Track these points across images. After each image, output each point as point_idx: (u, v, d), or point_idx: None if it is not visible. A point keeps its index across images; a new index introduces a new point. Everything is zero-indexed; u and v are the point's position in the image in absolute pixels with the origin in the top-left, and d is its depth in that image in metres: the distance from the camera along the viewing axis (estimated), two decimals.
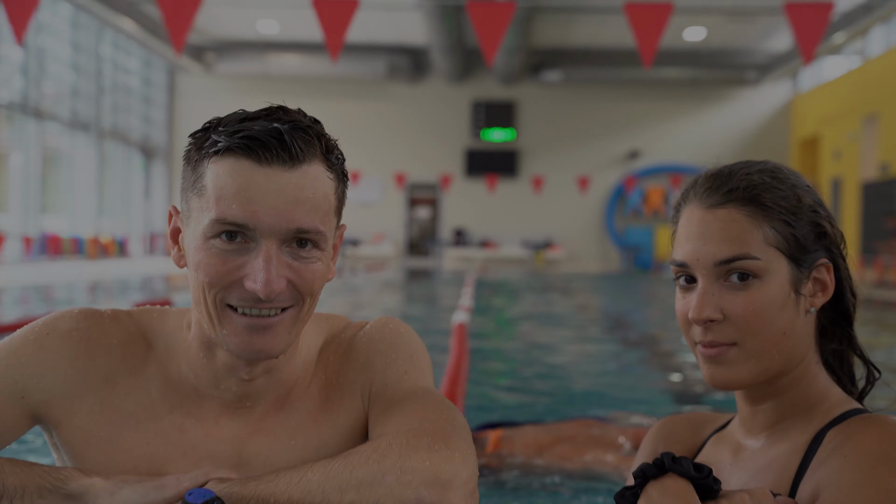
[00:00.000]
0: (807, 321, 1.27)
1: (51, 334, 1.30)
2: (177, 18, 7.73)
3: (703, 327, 1.25)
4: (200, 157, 1.24)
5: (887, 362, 6.98)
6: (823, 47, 20.97)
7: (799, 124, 26.71)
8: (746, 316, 1.22)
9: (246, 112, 1.27)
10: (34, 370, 1.27)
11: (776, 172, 1.29)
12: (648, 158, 27.71)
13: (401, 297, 13.78)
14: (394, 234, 28.25)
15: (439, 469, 1.17)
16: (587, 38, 25.12)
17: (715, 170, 1.33)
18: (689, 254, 1.27)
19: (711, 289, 1.25)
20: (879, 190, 20.20)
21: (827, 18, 8.81)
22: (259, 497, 1.15)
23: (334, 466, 1.17)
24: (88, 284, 13.66)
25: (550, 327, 9.18)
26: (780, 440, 1.28)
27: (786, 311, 1.24)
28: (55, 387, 1.28)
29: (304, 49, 25.64)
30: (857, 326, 1.36)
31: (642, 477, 1.11)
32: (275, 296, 1.19)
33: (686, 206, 1.32)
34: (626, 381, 5.75)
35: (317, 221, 1.22)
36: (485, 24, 8.52)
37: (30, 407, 1.27)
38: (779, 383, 1.28)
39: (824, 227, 1.28)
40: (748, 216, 1.24)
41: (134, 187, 26.50)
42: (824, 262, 1.27)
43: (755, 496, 1.09)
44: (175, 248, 1.31)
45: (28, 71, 20.14)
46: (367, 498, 1.14)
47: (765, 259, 1.23)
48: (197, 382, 1.31)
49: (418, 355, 1.43)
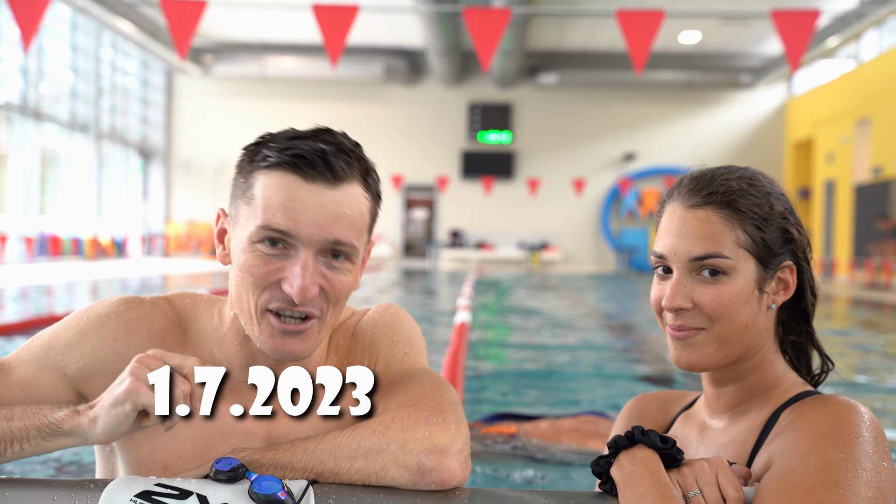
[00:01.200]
0: (768, 315, 1.41)
1: (88, 316, 1.44)
2: (181, 25, 7.83)
3: (674, 313, 1.40)
4: (252, 168, 1.38)
5: (876, 361, 7.14)
6: (817, 51, 21.11)
7: (793, 127, 26.86)
8: (713, 307, 1.36)
9: (296, 130, 1.40)
10: (71, 348, 1.41)
11: (753, 180, 1.42)
12: (644, 161, 27.84)
13: (400, 295, 13.90)
14: (390, 235, 28.35)
15: (437, 438, 1.31)
16: (583, 41, 25.26)
17: (699, 172, 1.46)
18: (668, 248, 1.41)
19: (684, 280, 1.39)
20: (872, 192, 20.35)
21: (813, 26, 8.94)
22: (277, 464, 1.28)
23: (344, 437, 1.31)
24: (89, 285, 13.76)
25: (545, 326, 9.30)
26: (740, 420, 1.42)
27: (749, 305, 1.38)
28: (94, 364, 1.41)
29: (302, 51, 25.76)
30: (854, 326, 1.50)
31: (615, 447, 1.25)
32: (308, 301, 1.33)
33: (670, 203, 1.46)
34: (618, 378, 5.88)
35: (352, 236, 1.37)
36: (481, 30, 8.63)
37: (73, 382, 1.40)
38: (739, 369, 1.42)
39: (792, 233, 1.41)
40: (723, 218, 1.37)
41: (131, 188, 26.59)
42: (789, 265, 1.41)
43: (713, 464, 1.22)
44: (220, 248, 1.45)
45: (27, 72, 20.24)
46: (374, 464, 1.28)
47: (734, 259, 1.36)
48: (229, 366, 1.42)
49: (416, 338, 1.58)
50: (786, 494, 1.14)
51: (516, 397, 4.96)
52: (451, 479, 1.30)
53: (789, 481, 1.16)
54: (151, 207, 27.79)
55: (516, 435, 3.42)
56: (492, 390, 5.15)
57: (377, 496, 1.25)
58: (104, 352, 1.42)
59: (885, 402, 5.13)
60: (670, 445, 1.23)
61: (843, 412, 1.24)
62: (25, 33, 7.24)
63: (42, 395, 1.38)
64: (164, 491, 1.21)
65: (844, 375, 1.41)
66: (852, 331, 9.96)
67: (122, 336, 1.44)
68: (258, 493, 1.18)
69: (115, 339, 1.43)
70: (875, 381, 5.97)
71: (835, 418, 1.23)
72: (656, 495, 1.16)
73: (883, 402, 5.07)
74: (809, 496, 1.12)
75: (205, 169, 27.67)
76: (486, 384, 5.32)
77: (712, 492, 1.18)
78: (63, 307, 9.89)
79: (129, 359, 1.32)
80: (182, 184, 28.04)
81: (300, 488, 1.22)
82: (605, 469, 1.26)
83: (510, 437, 3.43)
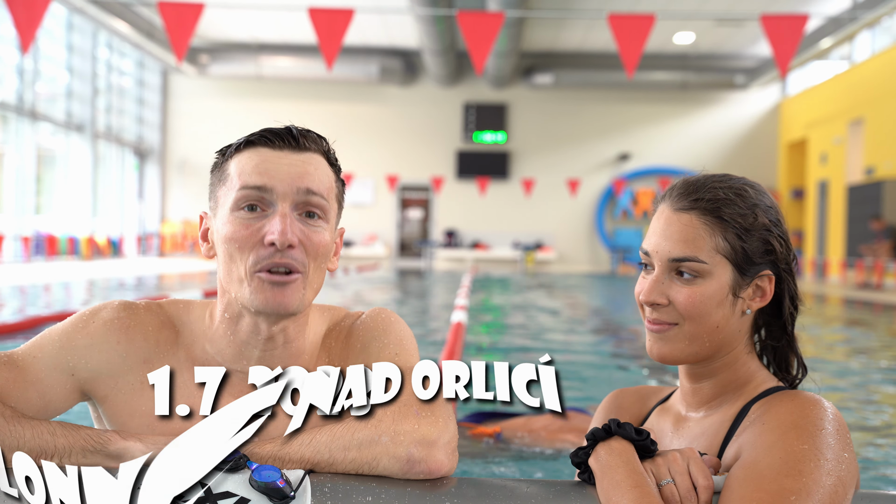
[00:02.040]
0: (742, 319, 1.49)
1: (96, 322, 1.53)
2: (178, 28, 7.90)
3: (650, 307, 1.49)
4: (224, 159, 1.54)
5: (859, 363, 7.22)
6: (811, 52, 21.22)
7: (787, 128, 26.98)
8: (686, 306, 1.45)
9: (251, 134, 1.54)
10: (83, 352, 1.50)
11: (741, 191, 1.50)
12: (638, 161, 27.94)
13: (397, 295, 13.98)
14: (386, 235, 28.44)
15: (426, 431, 1.40)
16: (578, 42, 25.36)
17: (693, 177, 1.54)
18: (652, 246, 1.50)
19: (663, 278, 1.47)
20: (864, 193, 20.47)
21: (802, 30, 9.02)
22: (275, 455, 1.37)
23: (338, 430, 1.40)
24: (85, 285, 13.82)
25: (538, 323, 9.38)
26: (713, 413, 1.50)
27: (721, 308, 1.46)
28: (101, 366, 1.51)
29: (297, 51, 25.83)
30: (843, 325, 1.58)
31: (593, 439, 1.34)
32: (288, 246, 1.45)
33: (661, 204, 1.54)
34: (608, 373, 5.96)
35: (322, 190, 1.52)
36: (475, 34, 8.71)
37: (79, 383, 1.50)
38: (712, 366, 1.50)
39: (774, 244, 1.49)
40: (705, 224, 1.46)
41: (127, 188, 26.64)
42: (767, 274, 1.49)
43: (684, 454, 1.30)
44: (205, 244, 1.57)
45: (23, 72, 20.28)
46: (367, 455, 1.37)
47: (710, 264, 1.44)
48: (221, 360, 1.54)
49: (407, 339, 1.66)
50: (752, 482, 1.22)
51: None
52: (438, 470, 1.38)
53: (756, 470, 1.24)
54: (147, 207, 27.84)
55: (500, 433, 3.56)
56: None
57: (370, 485, 1.33)
58: (109, 355, 1.52)
59: (871, 395, 5.22)
60: (644, 437, 1.31)
61: (808, 406, 1.32)
62: (24, 36, 7.31)
63: (52, 396, 1.47)
64: None
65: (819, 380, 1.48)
66: (842, 329, 10.07)
67: (123, 340, 1.54)
68: (258, 481, 1.27)
69: (118, 344, 1.53)
70: (856, 377, 6.06)
71: (799, 412, 1.31)
72: (631, 483, 1.24)
73: (867, 396, 5.16)
74: (774, 483, 1.20)
75: (200, 169, 27.72)
76: None
77: (684, 480, 1.26)
78: (61, 307, 9.95)
79: (130, 361, 1.49)
80: (177, 183, 28.10)
81: (297, 478, 1.31)
82: (583, 460, 1.34)
83: (494, 435, 3.56)
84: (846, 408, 4.76)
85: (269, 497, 1.27)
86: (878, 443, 3.99)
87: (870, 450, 3.81)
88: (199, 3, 7.71)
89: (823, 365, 6.63)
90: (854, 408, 4.82)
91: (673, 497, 1.25)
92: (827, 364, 6.77)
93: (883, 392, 5.56)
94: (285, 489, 1.27)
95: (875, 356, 7.59)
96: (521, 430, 3.54)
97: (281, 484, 1.27)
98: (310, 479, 1.32)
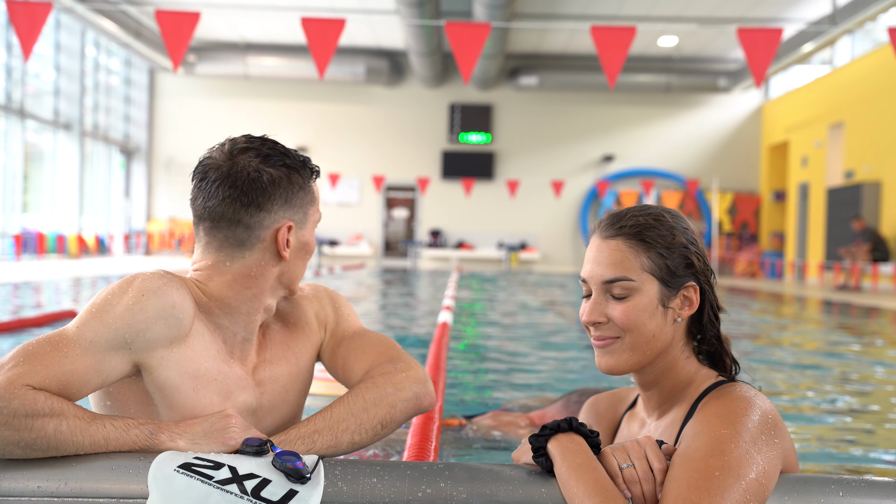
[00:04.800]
0: (675, 327, 1.72)
1: (147, 296, 1.63)
2: (175, 36, 8.04)
3: (593, 326, 1.72)
4: (310, 179, 1.85)
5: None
6: (792, 57, 21.50)
7: (769, 131, 27.27)
8: (623, 321, 1.68)
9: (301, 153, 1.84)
10: (141, 325, 1.61)
11: (659, 216, 1.74)
12: (622, 162, 28.18)
13: (386, 292, 14.16)
14: (371, 234, 28.59)
15: (414, 373, 1.84)
16: (563, 45, 25.58)
17: (615, 210, 1.80)
18: (587, 272, 1.74)
19: (599, 299, 1.71)
20: (844, 196, 20.76)
21: (777, 43, 9.26)
22: (302, 435, 1.65)
23: (349, 398, 1.74)
24: (75, 282, 13.93)
25: (519, 322, 9.56)
26: (667, 415, 1.74)
27: (654, 319, 1.68)
28: (160, 340, 1.64)
29: (285, 51, 25.94)
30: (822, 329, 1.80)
31: (556, 428, 1.55)
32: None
33: (592, 235, 1.80)
34: (589, 371, 6.15)
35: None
36: (461, 43, 8.91)
37: (134, 354, 1.62)
38: (655, 374, 1.74)
39: (692, 259, 1.72)
40: (630, 247, 1.70)
41: (114, 186, 26.70)
42: (692, 285, 1.72)
43: (641, 442, 1.52)
44: (287, 250, 1.81)
45: (10, 70, 20.34)
46: (384, 407, 1.74)
47: (639, 281, 1.67)
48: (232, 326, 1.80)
49: (350, 306, 2.07)
50: (684, 464, 1.44)
51: (482, 395, 5.22)
52: (434, 400, 1.83)
53: (687, 454, 1.46)
54: (133, 205, 27.90)
55: (465, 425, 3.79)
56: (464, 387, 5.41)
57: (374, 468, 1.53)
58: (167, 322, 1.64)
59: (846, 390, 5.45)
60: (595, 436, 1.54)
61: (732, 400, 1.56)
62: (25, 44, 7.46)
63: (109, 372, 1.59)
64: (201, 462, 1.49)
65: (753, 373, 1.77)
66: (817, 331, 10.32)
67: (178, 304, 1.68)
68: (280, 462, 1.48)
69: (174, 308, 1.66)
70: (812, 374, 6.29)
71: (723, 405, 1.55)
72: (591, 466, 1.46)
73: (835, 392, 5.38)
74: (701, 463, 1.41)
75: (186, 167, 27.76)
76: (462, 381, 5.59)
77: (642, 464, 1.48)
78: (61, 306, 10.08)
79: (185, 323, 1.68)
80: (164, 182, 28.16)
81: (312, 462, 1.52)
82: (542, 444, 1.54)
83: (459, 427, 3.79)
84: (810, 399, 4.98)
85: (288, 477, 1.47)
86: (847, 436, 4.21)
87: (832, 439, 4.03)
88: (196, 12, 7.87)
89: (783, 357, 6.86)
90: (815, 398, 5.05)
91: (632, 478, 1.46)
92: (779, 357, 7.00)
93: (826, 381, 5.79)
94: (303, 470, 1.47)
95: (812, 350, 7.83)
96: (488, 424, 3.78)
97: (300, 465, 1.47)
98: (322, 463, 1.53)
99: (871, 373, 6.67)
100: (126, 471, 1.48)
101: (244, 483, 1.45)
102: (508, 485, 1.50)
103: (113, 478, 1.47)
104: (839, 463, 3.66)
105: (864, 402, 5.33)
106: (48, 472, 1.47)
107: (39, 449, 1.45)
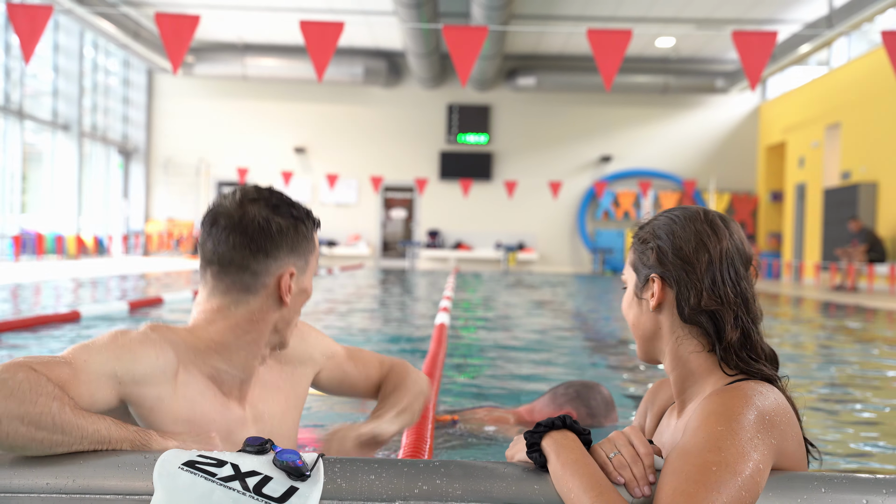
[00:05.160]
0: (651, 316, 1.81)
1: (134, 340, 1.79)
2: (175, 39, 8.10)
3: None
4: (312, 228, 1.97)
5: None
6: (789, 58, 21.56)
7: (766, 131, 27.33)
8: (623, 310, 1.89)
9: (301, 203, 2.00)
10: (127, 364, 1.74)
11: (660, 216, 1.85)
12: (620, 163, 28.22)
13: (385, 292, 14.20)
14: (369, 235, 28.63)
15: (407, 366, 2.35)
16: (560, 45, 25.62)
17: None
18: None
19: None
20: (841, 196, 20.82)
21: (772, 46, 9.31)
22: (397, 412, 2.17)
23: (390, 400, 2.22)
24: (77, 283, 13.96)
25: (516, 321, 9.61)
26: (684, 414, 1.80)
27: (632, 308, 1.85)
28: (145, 379, 1.76)
29: (283, 52, 25.97)
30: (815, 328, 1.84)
31: (551, 425, 1.60)
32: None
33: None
34: (588, 370, 6.20)
35: None
36: (459, 47, 8.95)
37: (122, 389, 1.73)
38: (668, 366, 1.81)
39: (665, 254, 1.77)
40: (632, 248, 1.88)
41: (112, 187, 26.73)
42: (653, 277, 1.79)
43: (626, 432, 1.59)
44: (288, 294, 1.92)
45: (9, 71, 20.37)
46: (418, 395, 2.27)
47: (626, 275, 1.88)
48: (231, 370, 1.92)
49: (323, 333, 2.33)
50: (682, 458, 1.49)
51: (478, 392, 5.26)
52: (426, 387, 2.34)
53: (684, 449, 1.51)
54: (131, 206, 27.93)
55: (457, 421, 3.85)
56: (459, 385, 5.46)
57: (372, 465, 1.58)
58: (149, 368, 1.78)
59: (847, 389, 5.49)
60: (587, 433, 1.59)
61: (730, 398, 1.60)
62: (26, 47, 7.50)
63: (99, 396, 1.69)
64: (205, 460, 1.53)
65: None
66: (811, 332, 10.37)
67: (161, 355, 1.81)
68: (281, 461, 1.52)
69: (157, 358, 1.79)
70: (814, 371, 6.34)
71: (720, 402, 1.59)
72: (585, 462, 1.51)
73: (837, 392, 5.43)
74: (699, 458, 1.46)
75: (185, 168, 27.85)
76: (456, 379, 5.63)
77: (628, 449, 1.54)
78: (60, 307, 10.11)
79: (168, 373, 1.80)
80: (162, 182, 28.19)
81: (312, 460, 1.56)
82: (537, 441, 1.60)
83: (452, 423, 3.85)
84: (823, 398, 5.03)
85: (288, 475, 1.52)
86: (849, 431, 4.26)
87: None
88: (195, 15, 7.92)
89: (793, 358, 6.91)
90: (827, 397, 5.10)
91: (621, 463, 1.52)
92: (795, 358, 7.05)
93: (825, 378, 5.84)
94: (303, 468, 1.52)
95: (811, 349, 7.88)
96: (480, 420, 3.84)
97: (300, 464, 1.52)
98: (322, 461, 1.58)
99: (868, 373, 6.73)
100: (132, 468, 1.53)
101: (246, 480, 1.50)
102: (503, 481, 1.55)
103: (119, 475, 1.53)
104: (833, 461, 3.70)
105: (861, 401, 5.39)
106: (57, 470, 1.52)
107: (45, 426, 1.51)
